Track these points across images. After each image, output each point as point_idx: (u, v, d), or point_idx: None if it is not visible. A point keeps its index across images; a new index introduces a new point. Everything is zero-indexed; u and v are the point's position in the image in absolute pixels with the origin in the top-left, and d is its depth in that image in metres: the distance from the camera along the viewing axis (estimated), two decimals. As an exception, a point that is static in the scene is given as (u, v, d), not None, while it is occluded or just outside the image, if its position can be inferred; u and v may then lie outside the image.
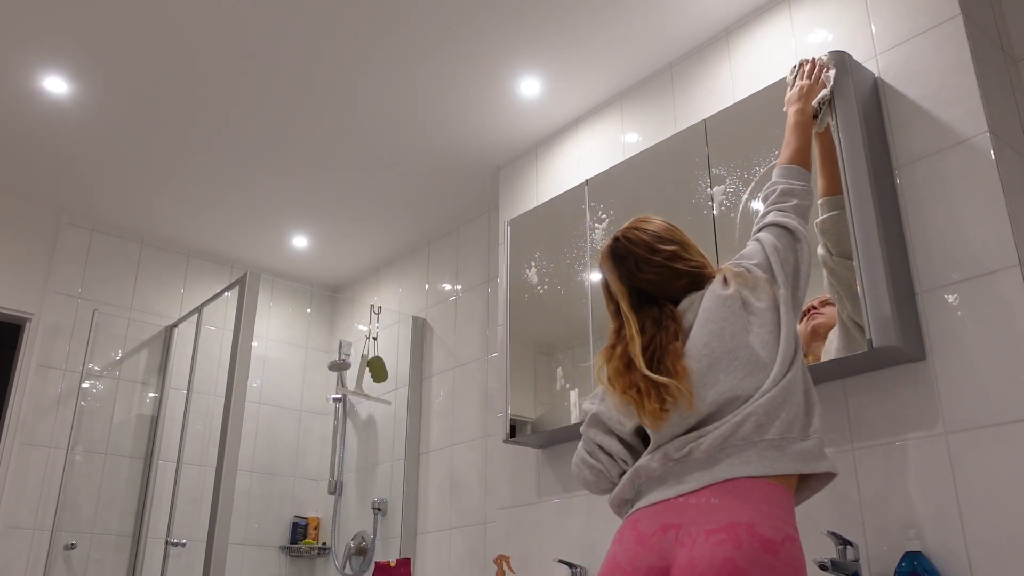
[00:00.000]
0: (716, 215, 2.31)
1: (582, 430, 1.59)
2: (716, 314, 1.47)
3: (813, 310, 2.07)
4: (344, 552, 3.89)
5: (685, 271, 1.54)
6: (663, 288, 1.55)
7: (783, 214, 1.61)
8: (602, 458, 1.54)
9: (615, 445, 1.52)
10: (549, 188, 3.10)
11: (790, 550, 1.27)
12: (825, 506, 2.01)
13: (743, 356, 1.42)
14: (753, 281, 1.50)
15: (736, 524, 1.26)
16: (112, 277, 3.88)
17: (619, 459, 1.52)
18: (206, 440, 3.85)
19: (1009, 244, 1.82)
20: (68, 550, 3.47)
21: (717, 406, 1.40)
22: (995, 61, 2.10)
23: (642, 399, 1.43)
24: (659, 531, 1.33)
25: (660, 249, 1.55)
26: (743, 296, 1.48)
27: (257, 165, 3.42)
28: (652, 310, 1.53)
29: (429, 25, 2.63)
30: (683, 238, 1.60)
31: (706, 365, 1.43)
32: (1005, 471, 1.73)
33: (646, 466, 1.42)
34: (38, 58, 2.79)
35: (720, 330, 1.45)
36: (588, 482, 1.58)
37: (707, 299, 1.50)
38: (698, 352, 1.45)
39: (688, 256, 1.57)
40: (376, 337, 4.02)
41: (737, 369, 1.41)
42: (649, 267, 1.55)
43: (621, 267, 1.57)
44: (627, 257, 1.57)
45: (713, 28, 2.62)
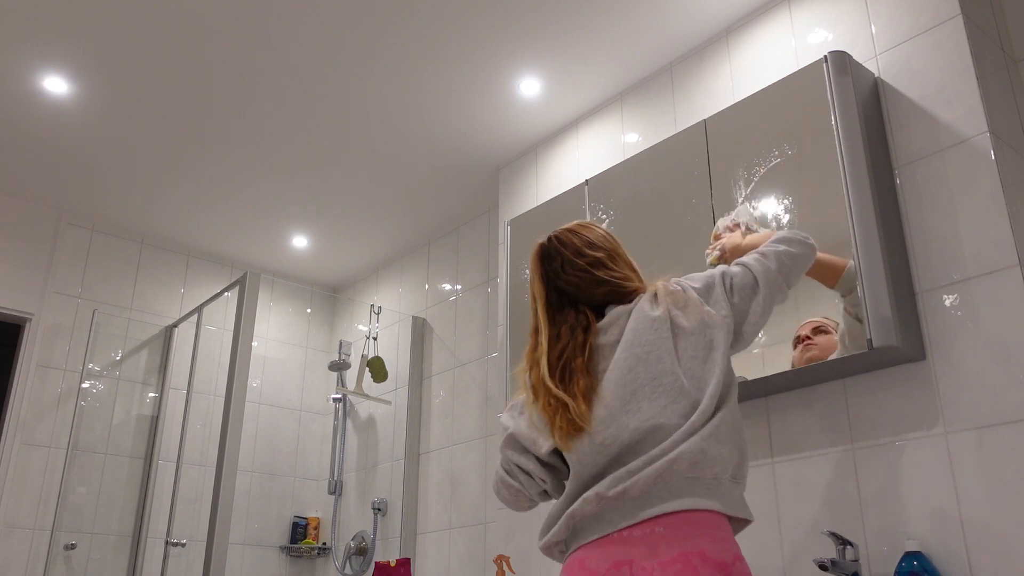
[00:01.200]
0: (716, 215, 2.31)
1: (500, 448, 1.55)
2: (642, 337, 1.42)
3: (807, 340, 2.02)
4: (344, 552, 3.89)
5: (605, 279, 1.51)
6: (583, 292, 1.52)
7: (760, 258, 1.53)
8: (520, 477, 1.51)
9: (532, 465, 1.48)
10: (549, 188, 3.10)
11: (741, 569, 1.28)
12: (825, 506, 2.01)
13: (667, 383, 1.38)
14: (684, 300, 1.45)
15: (688, 554, 1.25)
16: (112, 277, 3.88)
17: (537, 478, 1.49)
18: (206, 440, 3.85)
19: (1009, 244, 1.82)
20: (68, 550, 3.47)
21: (640, 434, 1.35)
22: (995, 61, 2.10)
23: (553, 415, 1.40)
24: (611, 569, 1.29)
25: (586, 253, 1.53)
26: (672, 317, 1.43)
27: (257, 165, 3.42)
28: (569, 314, 1.50)
29: (429, 26, 2.63)
30: (614, 247, 1.57)
31: (630, 392, 1.38)
32: (1005, 471, 1.73)
33: (581, 509, 1.36)
34: (38, 58, 2.79)
35: (645, 355, 1.40)
36: (506, 501, 1.55)
37: (634, 318, 1.45)
38: (621, 377, 1.40)
39: (612, 266, 1.53)
40: (376, 337, 4.02)
41: (660, 396, 1.37)
42: (573, 269, 1.52)
43: (547, 266, 1.55)
44: (555, 256, 1.55)
45: (713, 28, 2.62)
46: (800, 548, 2.03)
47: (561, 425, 1.39)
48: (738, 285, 1.48)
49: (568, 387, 1.41)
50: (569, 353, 1.45)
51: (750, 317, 1.47)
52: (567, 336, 1.47)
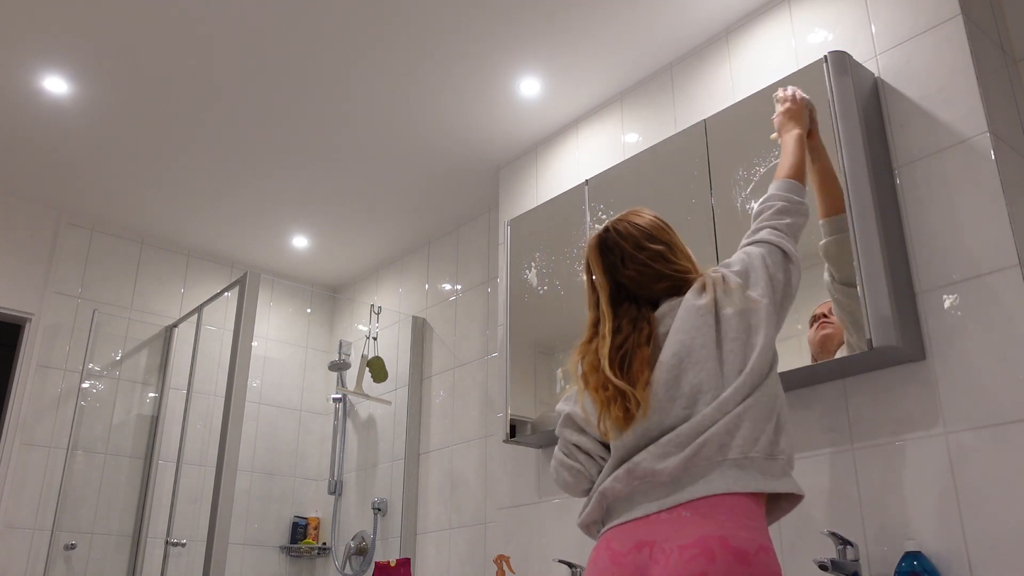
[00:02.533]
0: (716, 215, 2.31)
1: (557, 431, 1.55)
2: (687, 323, 1.43)
3: (824, 319, 2.02)
4: (344, 552, 3.89)
5: (667, 274, 1.51)
6: (643, 288, 1.52)
7: (777, 233, 1.57)
8: (580, 457, 1.50)
9: (591, 444, 1.49)
10: (549, 188, 3.10)
11: (764, 560, 1.25)
12: (825, 506, 2.01)
13: (708, 369, 1.39)
14: (726, 287, 1.47)
15: (708, 538, 1.24)
16: (112, 277, 3.88)
17: (597, 457, 1.48)
18: (206, 440, 3.85)
19: (1009, 244, 1.82)
20: (68, 550, 3.47)
21: (679, 419, 1.37)
22: (995, 61, 2.10)
23: (608, 403, 1.40)
24: (633, 549, 1.31)
25: (647, 247, 1.52)
26: (717, 303, 1.44)
27: (257, 165, 3.42)
28: (631, 308, 1.50)
29: (429, 26, 2.63)
30: (672, 239, 1.56)
31: (673, 376, 1.40)
32: (1005, 471, 1.73)
33: (611, 487, 1.39)
34: (38, 58, 2.79)
35: (690, 341, 1.42)
36: (568, 484, 1.53)
37: (683, 307, 1.46)
38: (667, 362, 1.42)
39: (674, 259, 1.53)
40: (376, 337, 4.02)
41: (700, 383, 1.38)
42: (633, 264, 1.51)
43: (606, 259, 1.54)
44: (614, 249, 1.54)
45: (713, 28, 2.62)
46: (800, 548, 2.03)
47: (617, 414, 1.39)
48: (771, 260, 1.52)
49: (629, 377, 1.41)
50: (631, 344, 1.45)
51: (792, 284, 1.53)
52: (628, 328, 1.47)
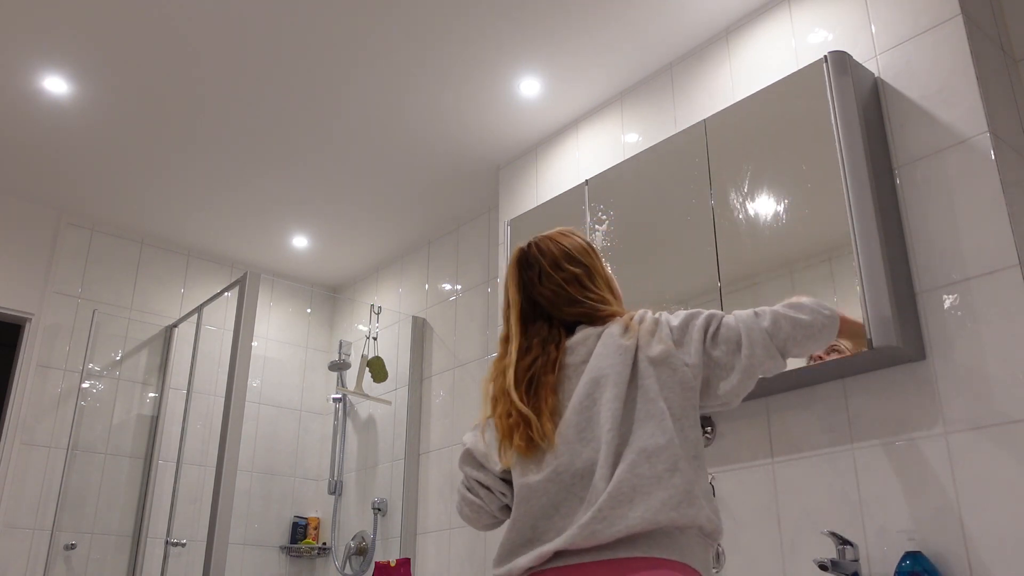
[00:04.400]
0: (716, 215, 2.31)
1: (459, 466, 1.49)
2: (604, 362, 1.32)
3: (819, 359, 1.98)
4: (344, 552, 3.89)
5: (580, 300, 1.42)
6: (556, 309, 1.43)
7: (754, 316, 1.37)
8: (481, 493, 1.43)
9: (491, 480, 1.42)
10: (549, 188, 3.10)
11: None
12: (825, 506, 2.01)
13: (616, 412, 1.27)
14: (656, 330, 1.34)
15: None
16: (112, 277, 3.88)
17: (497, 493, 1.42)
18: (206, 440, 3.85)
19: (1009, 244, 1.82)
20: (68, 550, 3.47)
21: (588, 463, 1.25)
22: (995, 61, 2.10)
23: (511, 431, 1.32)
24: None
25: (564, 267, 1.44)
26: (640, 347, 1.32)
27: (257, 165, 3.42)
28: (542, 328, 1.42)
29: (429, 26, 2.63)
30: (593, 264, 1.47)
31: (586, 418, 1.29)
32: (1005, 471, 1.73)
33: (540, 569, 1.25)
34: (38, 58, 2.79)
35: (602, 378, 1.30)
36: (469, 518, 1.48)
37: (602, 342, 1.35)
38: (579, 403, 1.31)
39: (591, 285, 1.44)
40: (376, 337, 4.02)
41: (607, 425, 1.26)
42: (549, 282, 1.44)
43: (524, 274, 1.47)
44: (533, 265, 1.46)
45: (713, 28, 2.62)
46: (800, 548, 2.03)
47: (519, 443, 1.30)
48: (723, 337, 1.35)
49: (535, 403, 1.33)
50: (539, 368, 1.37)
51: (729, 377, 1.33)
52: (538, 349, 1.39)
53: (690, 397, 1.31)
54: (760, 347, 1.34)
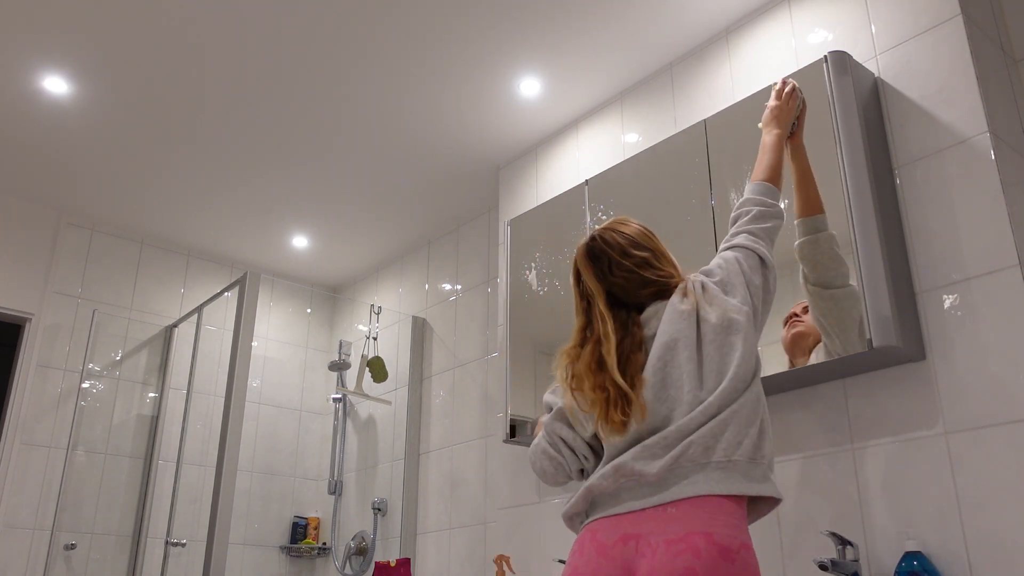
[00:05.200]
0: (716, 215, 2.31)
1: (545, 420, 1.58)
2: (671, 326, 1.47)
3: (795, 317, 2.05)
4: (344, 552, 3.89)
5: (653, 280, 1.55)
6: (630, 294, 1.56)
7: (753, 238, 1.62)
8: (564, 451, 1.55)
9: (578, 442, 1.54)
10: (549, 188, 3.10)
11: (746, 557, 1.30)
12: (825, 506, 2.01)
13: (692, 372, 1.43)
14: (706, 294, 1.51)
15: (694, 534, 1.28)
16: (112, 277, 3.88)
17: (581, 455, 1.54)
18: (206, 440, 3.85)
19: (1009, 244, 1.82)
20: (68, 550, 3.47)
21: (667, 422, 1.42)
22: (995, 61, 2.10)
23: (608, 405, 1.43)
24: (619, 542, 1.34)
25: (632, 254, 1.56)
26: (699, 310, 1.49)
27: (257, 165, 3.42)
28: (621, 314, 1.54)
29: (429, 26, 2.63)
30: (656, 246, 1.61)
31: (660, 379, 1.44)
32: (1005, 471, 1.73)
33: (598, 484, 1.42)
34: (38, 58, 2.79)
35: (674, 344, 1.46)
36: (546, 473, 1.59)
37: (668, 311, 1.50)
38: (653, 365, 1.46)
39: (658, 265, 1.57)
40: (376, 337, 4.02)
41: (684, 385, 1.42)
42: (620, 270, 1.55)
43: (596, 266, 1.57)
44: (601, 257, 1.57)
45: (713, 28, 2.62)
46: (800, 548, 2.03)
47: (617, 418, 1.42)
48: (749, 266, 1.57)
49: (629, 380, 1.44)
50: (628, 347, 1.48)
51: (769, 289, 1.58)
52: (622, 331, 1.50)
53: (750, 334, 1.48)
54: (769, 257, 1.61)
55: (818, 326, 1.97)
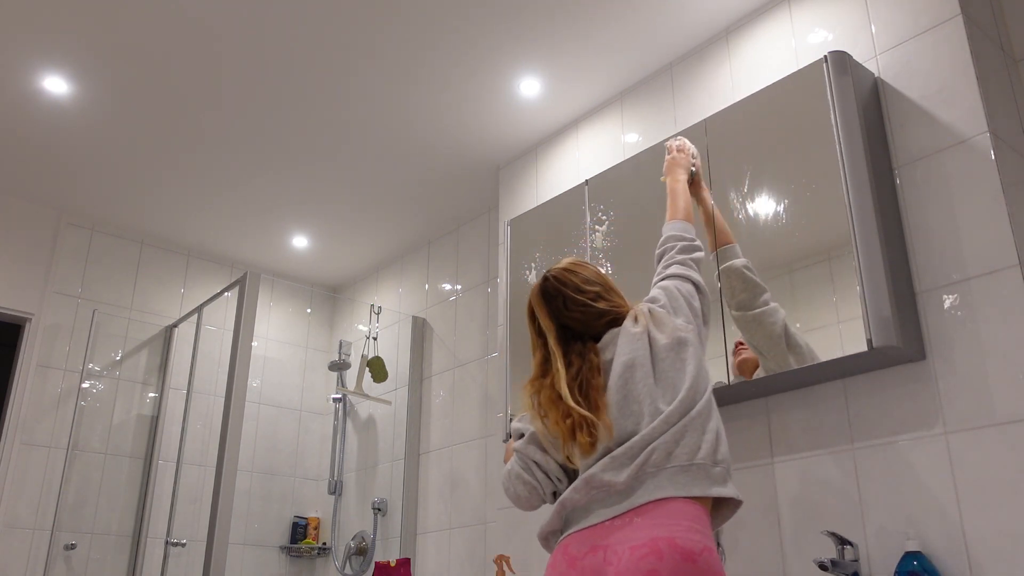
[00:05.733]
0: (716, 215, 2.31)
1: (517, 445, 1.66)
2: (628, 348, 1.59)
3: (740, 345, 2.17)
4: (344, 552, 3.89)
5: (606, 310, 1.67)
6: (587, 326, 1.67)
7: (685, 268, 1.78)
8: (538, 474, 1.62)
9: (553, 465, 1.61)
10: (549, 188, 3.10)
11: (708, 559, 1.35)
12: (825, 506, 2.01)
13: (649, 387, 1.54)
14: (657, 320, 1.64)
15: (657, 539, 1.35)
16: (112, 277, 3.88)
17: (554, 478, 1.61)
18: (206, 440, 3.85)
19: (1009, 244, 1.82)
20: (68, 550, 3.47)
21: (631, 434, 1.50)
22: (995, 61, 2.10)
23: (574, 430, 1.52)
24: (589, 553, 1.42)
25: (586, 290, 1.68)
26: (650, 332, 1.61)
27: (257, 165, 3.42)
28: (577, 345, 1.65)
29: (429, 26, 2.63)
30: (605, 281, 1.74)
31: (622, 396, 1.54)
32: (1005, 471, 1.73)
33: (570, 498, 1.50)
34: (38, 58, 2.79)
35: (632, 363, 1.57)
36: (520, 497, 1.66)
37: (623, 336, 1.62)
38: (615, 385, 1.56)
39: (609, 297, 1.69)
40: (376, 337, 4.02)
41: (644, 399, 1.52)
42: (576, 306, 1.66)
43: (550, 304, 1.68)
44: (556, 296, 1.68)
45: (713, 28, 2.62)
46: (800, 548, 2.03)
47: (584, 440, 1.51)
48: (686, 292, 1.73)
49: (589, 405, 1.54)
50: (586, 374, 1.59)
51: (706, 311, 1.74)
52: (579, 360, 1.61)
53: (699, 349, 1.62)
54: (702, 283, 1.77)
55: (752, 349, 2.12)
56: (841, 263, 2.00)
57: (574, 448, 1.53)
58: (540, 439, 1.61)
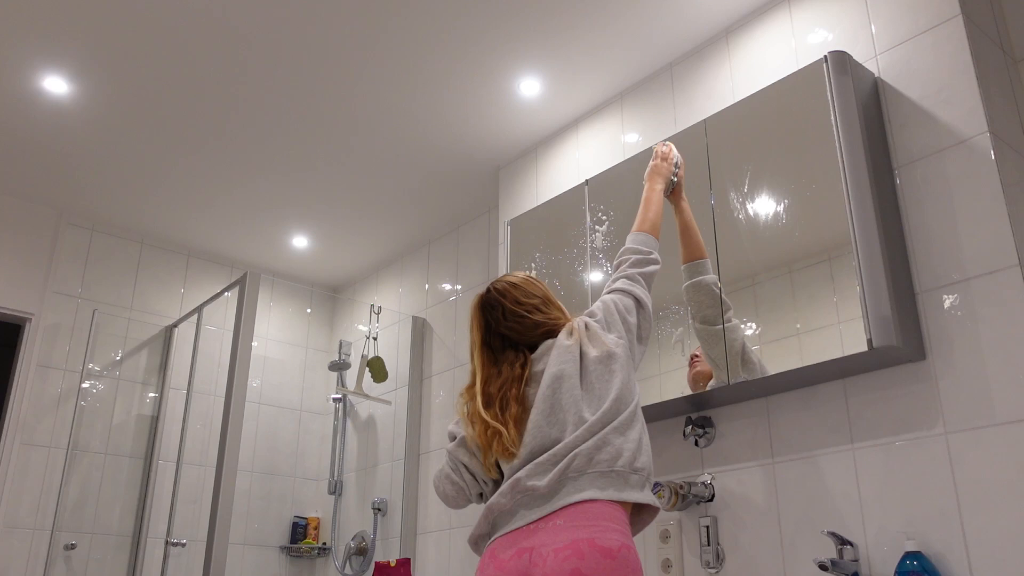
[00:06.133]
0: (716, 215, 2.31)
1: (449, 449, 1.76)
2: (559, 360, 1.68)
3: (695, 358, 2.26)
4: (344, 552, 3.89)
5: (542, 322, 1.77)
6: (523, 335, 1.77)
7: (631, 283, 1.85)
8: (465, 476, 1.73)
9: (479, 468, 1.71)
10: (549, 188, 3.10)
11: (626, 555, 1.45)
12: (825, 506, 2.01)
13: (577, 397, 1.63)
14: (591, 334, 1.73)
15: (579, 540, 1.44)
16: (112, 277, 3.88)
17: (480, 480, 1.72)
18: (206, 440, 3.85)
19: (1009, 244, 1.82)
20: (68, 550, 3.47)
21: (555, 441, 1.60)
22: (995, 61, 2.10)
23: (491, 442, 1.63)
24: (515, 556, 1.50)
25: (523, 302, 1.78)
26: (582, 346, 1.70)
27: (257, 165, 3.42)
28: (510, 354, 1.75)
29: (429, 26, 2.63)
30: (544, 293, 1.84)
31: (549, 405, 1.63)
32: (1005, 471, 1.73)
33: (497, 503, 1.59)
34: (38, 58, 2.79)
35: (561, 374, 1.66)
36: (447, 496, 1.77)
37: (556, 348, 1.71)
38: (543, 394, 1.65)
39: (546, 310, 1.80)
40: (376, 337, 4.02)
41: (571, 408, 1.61)
42: (513, 316, 1.77)
43: (489, 315, 1.79)
44: (495, 306, 1.79)
45: (713, 28, 2.62)
46: (800, 548, 2.03)
47: (498, 450, 1.62)
48: (624, 306, 1.80)
49: (503, 416, 1.64)
50: (507, 386, 1.69)
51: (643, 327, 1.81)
52: (507, 372, 1.72)
53: (627, 364, 1.71)
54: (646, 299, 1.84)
55: (708, 360, 2.19)
56: (841, 263, 2.00)
57: (492, 453, 1.63)
58: (469, 443, 1.71)
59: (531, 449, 1.60)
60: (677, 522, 2.32)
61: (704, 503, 2.27)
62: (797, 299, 2.09)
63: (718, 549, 2.20)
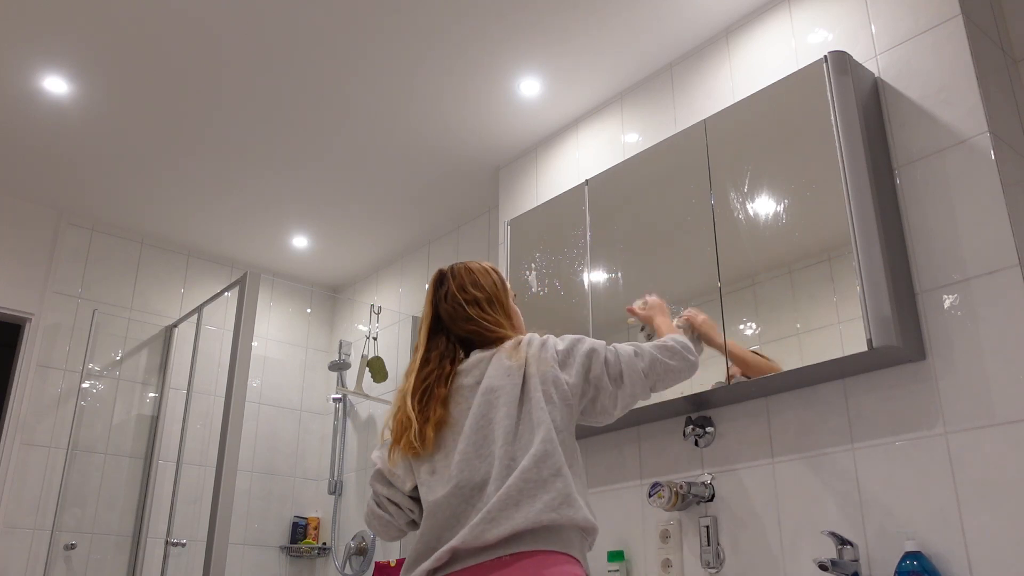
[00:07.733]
0: (716, 215, 2.31)
1: (369, 482, 1.63)
2: (495, 381, 1.50)
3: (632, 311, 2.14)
4: (344, 552, 3.89)
5: (474, 318, 1.61)
6: (454, 323, 1.63)
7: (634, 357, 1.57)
8: (390, 509, 1.59)
9: (399, 497, 1.57)
10: (549, 188, 3.10)
11: None
12: (825, 506, 2.01)
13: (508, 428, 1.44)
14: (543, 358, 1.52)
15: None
16: (112, 277, 3.88)
17: (406, 508, 1.57)
18: (206, 440, 3.85)
19: (1009, 244, 1.82)
20: (68, 550, 3.47)
21: (484, 477, 1.41)
22: (995, 61, 2.10)
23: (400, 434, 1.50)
24: None
25: (468, 290, 1.64)
26: (527, 367, 1.50)
27: (257, 165, 3.42)
28: (441, 342, 1.61)
29: (429, 26, 2.63)
30: (496, 295, 1.67)
31: (482, 436, 1.45)
32: (1005, 471, 1.73)
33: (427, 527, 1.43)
34: (38, 58, 2.79)
35: (495, 400, 1.48)
36: (378, 531, 1.65)
37: (493, 365, 1.53)
38: (476, 422, 1.47)
39: (487, 311, 1.63)
40: (376, 337, 4.02)
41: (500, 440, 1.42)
42: (452, 300, 1.63)
43: (436, 291, 1.67)
44: (444, 283, 1.66)
45: (713, 28, 2.62)
46: (800, 548, 2.03)
47: (404, 444, 1.49)
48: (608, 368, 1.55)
49: (423, 410, 1.51)
50: (433, 379, 1.55)
51: (607, 403, 1.55)
52: (435, 362, 1.58)
53: (570, 411, 1.49)
54: (638, 385, 1.56)
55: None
56: (841, 263, 2.00)
57: (398, 452, 1.51)
58: (384, 474, 1.58)
59: (460, 484, 1.42)
60: (677, 522, 2.32)
61: (704, 503, 2.27)
62: (797, 299, 2.09)
63: (718, 549, 2.20)
